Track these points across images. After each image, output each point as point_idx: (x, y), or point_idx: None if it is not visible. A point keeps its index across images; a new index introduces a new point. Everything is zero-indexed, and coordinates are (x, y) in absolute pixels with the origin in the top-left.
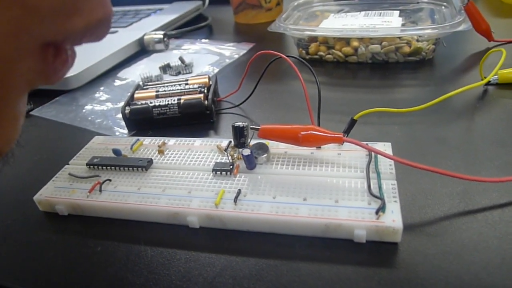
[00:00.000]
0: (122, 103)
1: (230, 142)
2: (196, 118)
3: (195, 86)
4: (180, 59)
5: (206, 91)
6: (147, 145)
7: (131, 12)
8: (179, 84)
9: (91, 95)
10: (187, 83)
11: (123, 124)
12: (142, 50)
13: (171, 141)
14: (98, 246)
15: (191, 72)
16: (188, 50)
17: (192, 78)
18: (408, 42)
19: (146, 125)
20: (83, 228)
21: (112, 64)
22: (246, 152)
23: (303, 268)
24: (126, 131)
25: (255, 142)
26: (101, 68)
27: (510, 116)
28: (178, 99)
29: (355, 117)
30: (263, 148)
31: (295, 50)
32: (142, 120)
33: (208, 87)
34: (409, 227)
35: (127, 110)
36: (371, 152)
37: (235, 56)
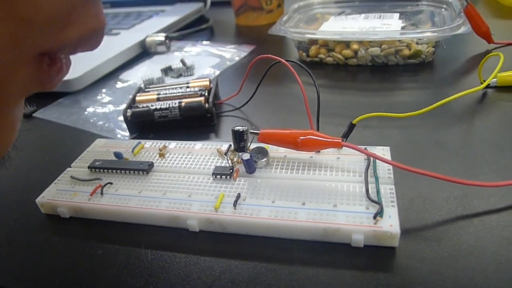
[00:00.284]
0: (124, 105)
1: (230, 146)
2: (197, 121)
3: (196, 89)
4: (181, 61)
5: (207, 94)
6: (148, 148)
7: (133, 14)
8: (180, 87)
9: (93, 97)
10: (188, 86)
11: (125, 126)
12: (144, 52)
13: (172, 144)
14: (99, 248)
15: (192, 75)
16: (190, 52)
17: (193, 81)
18: (408, 45)
19: (148, 127)
20: (84, 230)
21: (114, 66)
22: (245, 156)
23: (302, 272)
24: (127, 133)
25: (254, 146)
26: (103, 70)
27: (508, 120)
28: (179, 102)
29: (354, 121)
30: (263, 152)
31: (296, 52)
32: (144, 123)
33: (209, 90)
34: (406, 231)
35: (129, 113)
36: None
37: (236, 58)
